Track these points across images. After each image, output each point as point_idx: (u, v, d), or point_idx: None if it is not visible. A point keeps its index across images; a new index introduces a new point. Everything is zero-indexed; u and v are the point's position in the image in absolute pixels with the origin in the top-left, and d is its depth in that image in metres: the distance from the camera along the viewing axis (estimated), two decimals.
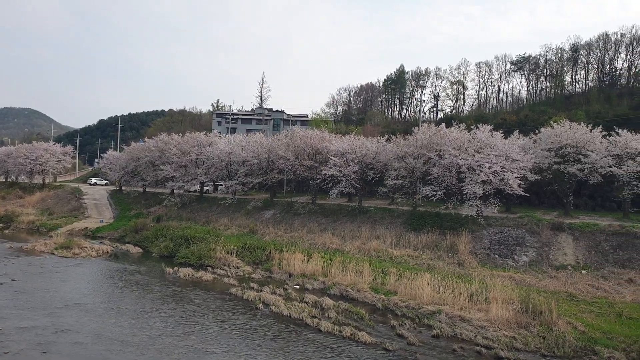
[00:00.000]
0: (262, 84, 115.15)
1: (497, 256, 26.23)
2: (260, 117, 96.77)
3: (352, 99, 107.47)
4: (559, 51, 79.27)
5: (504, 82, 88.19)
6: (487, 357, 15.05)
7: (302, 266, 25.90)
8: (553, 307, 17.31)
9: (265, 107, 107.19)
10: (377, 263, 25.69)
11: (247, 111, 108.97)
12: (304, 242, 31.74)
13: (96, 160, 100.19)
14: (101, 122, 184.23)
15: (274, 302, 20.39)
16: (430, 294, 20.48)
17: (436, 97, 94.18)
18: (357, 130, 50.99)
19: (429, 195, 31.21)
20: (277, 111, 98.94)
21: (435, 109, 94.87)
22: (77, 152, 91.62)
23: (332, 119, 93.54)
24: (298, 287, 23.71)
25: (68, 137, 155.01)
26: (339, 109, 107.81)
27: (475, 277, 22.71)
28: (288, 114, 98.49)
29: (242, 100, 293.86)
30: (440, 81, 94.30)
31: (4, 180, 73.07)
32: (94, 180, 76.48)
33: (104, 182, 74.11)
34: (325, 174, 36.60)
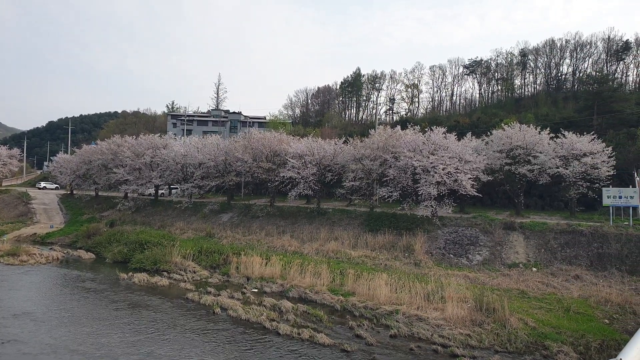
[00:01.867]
0: (219, 85, 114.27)
1: (452, 255, 26.91)
2: (217, 119, 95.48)
3: (309, 101, 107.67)
4: (509, 55, 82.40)
5: (457, 85, 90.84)
6: (443, 356, 15.37)
7: (261, 269, 25.66)
8: (506, 304, 17.90)
9: (222, 108, 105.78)
10: (335, 264, 25.80)
11: (203, 113, 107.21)
12: (262, 245, 31.47)
13: (45, 163, 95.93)
14: (51, 123, 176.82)
15: (232, 306, 20.09)
16: (388, 294, 20.73)
17: (392, 99, 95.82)
18: (315, 132, 51.25)
19: (386, 196, 31.67)
20: (234, 113, 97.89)
21: (391, 111, 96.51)
22: (25, 155, 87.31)
23: (290, 121, 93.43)
24: (256, 290, 23.48)
25: (15, 139, 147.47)
26: (297, 111, 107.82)
27: (431, 276, 23.18)
28: (245, 116, 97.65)
29: (198, 102, 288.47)
30: (395, 84, 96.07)
31: None
32: (43, 184, 73.24)
33: (54, 186, 71.14)
34: (283, 176, 36.47)
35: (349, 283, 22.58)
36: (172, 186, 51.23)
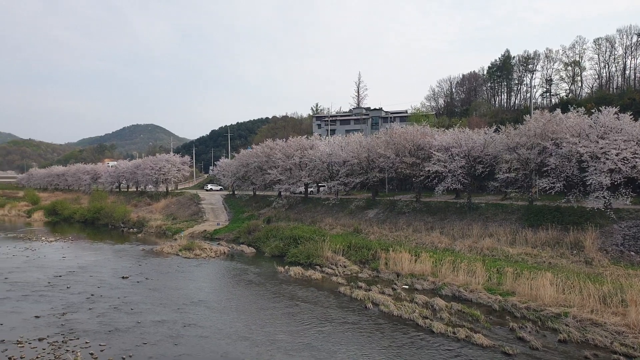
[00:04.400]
0: (359, 84, 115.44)
1: (633, 253, 23.32)
2: (358, 117, 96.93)
3: (453, 90, 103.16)
4: None
5: (630, 57, 78.41)
6: None
7: (410, 266, 25.30)
8: None
9: (362, 106, 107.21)
10: (491, 262, 24.22)
11: (345, 112, 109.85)
12: (410, 242, 31.01)
13: (210, 167, 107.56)
14: (213, 132, 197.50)
15: (383, 302, 20.14)
16: (554, 295, 18.78)
17: (548, 81, 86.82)
18: (462, 123, 48.89)
19: (547, 188, 28.75)
20: (374, 109, 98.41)
21: (548, 94, 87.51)
22: (194, 161, 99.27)
23: (433, 113, 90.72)
24: (407, 287, 23.20)
25: (185, 147, 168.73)
26: (440, 101, 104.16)
27: (607, 276, 20.37)
28: (386, 111, 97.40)
29: (340, 102, 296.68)
30: (552, 63, 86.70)
31: (135, 189, 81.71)
32: (209, 186, 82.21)
33: (219, 187, 79.31)
34: (428, 171, 35.46)
35: (508, 282, 21.00)
36: (320, 184, 53.45)
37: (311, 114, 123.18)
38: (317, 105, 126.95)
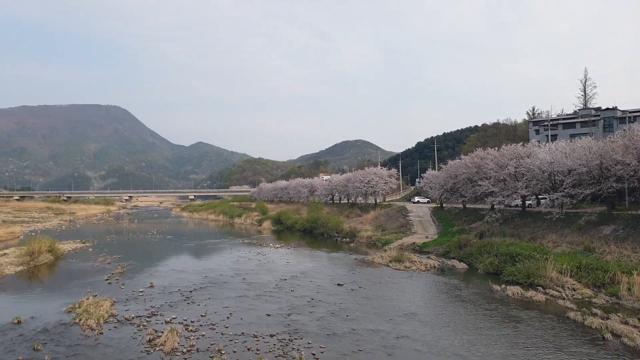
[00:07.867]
0: (585, 82, 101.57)
1: None
2: (586, 119, 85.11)
3: None
4: None
5: None
6: None
7: None
8: None
9: (590, 106, 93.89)
10: None
11: (568, 114, 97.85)
12: None
13: (417, 180, 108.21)
14: (419, 144, 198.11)
15: (627, 334, 17.12)
16: None
17: None
18: None
19: None
20: (607, 109, 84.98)
21: None
22: (400, 173, 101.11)
23: None
24: None
25: (391, 161, 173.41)
26: None
27: None
28: (623, 111, 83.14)
29: (561, 104, 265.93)
30: None
31: (346, 201, 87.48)
32: (416, 199, 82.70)
33: (426, 200, 79.12)
34: None
35: None
36: (540, 196, 48.60)
37: (526, 118, 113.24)
38: (533, 109, 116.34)
